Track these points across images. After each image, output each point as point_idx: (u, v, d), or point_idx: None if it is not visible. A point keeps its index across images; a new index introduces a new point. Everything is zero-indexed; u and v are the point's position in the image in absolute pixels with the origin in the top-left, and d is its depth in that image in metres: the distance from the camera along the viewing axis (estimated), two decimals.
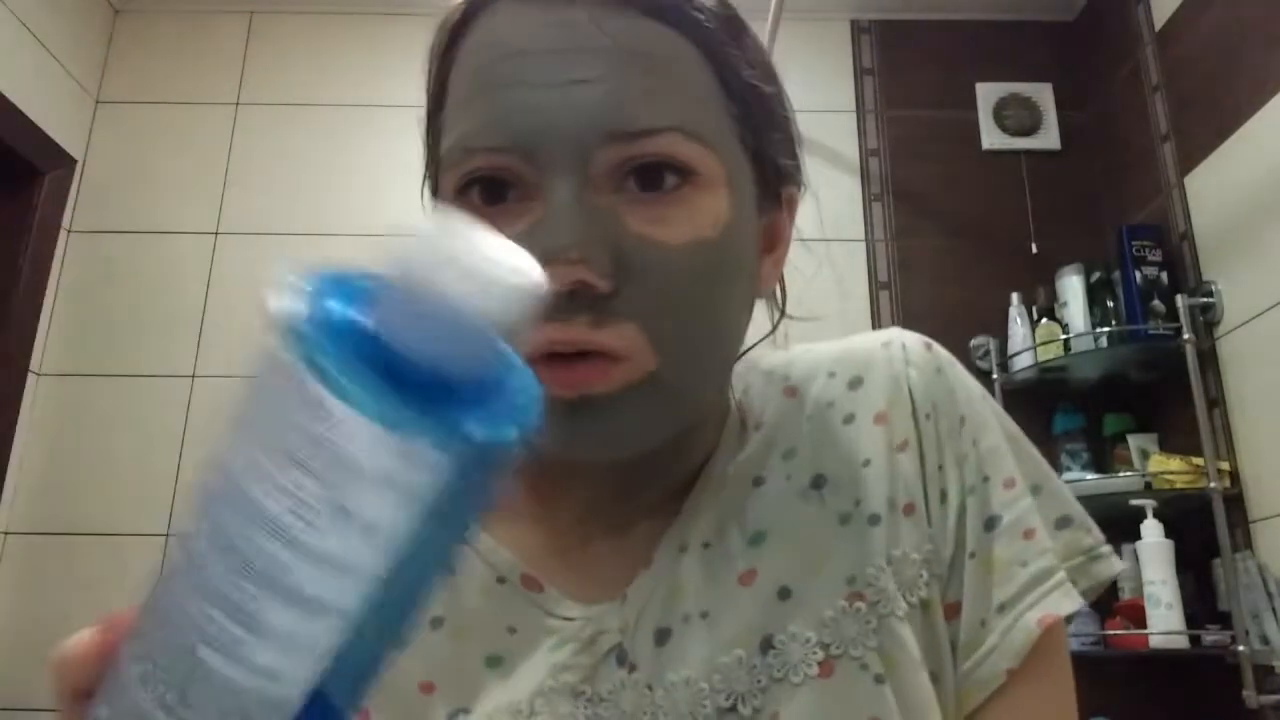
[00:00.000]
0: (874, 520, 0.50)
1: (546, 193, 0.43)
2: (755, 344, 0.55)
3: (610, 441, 0.44)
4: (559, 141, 0.42)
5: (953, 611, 0.49)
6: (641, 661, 0.47)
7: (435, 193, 0.49)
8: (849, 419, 0.53)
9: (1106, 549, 0.52)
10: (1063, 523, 0.51)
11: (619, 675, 0.46)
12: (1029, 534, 0.50)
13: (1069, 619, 0.50)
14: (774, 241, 0.53)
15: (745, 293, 0.49)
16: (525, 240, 0.39)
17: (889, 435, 0.52)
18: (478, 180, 0.44)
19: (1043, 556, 0.49)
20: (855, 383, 0.54)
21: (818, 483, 0.51)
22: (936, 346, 0.55)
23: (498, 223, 0.43)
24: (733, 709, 0.45)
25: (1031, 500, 0.51)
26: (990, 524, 0.50)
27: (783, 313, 0.56)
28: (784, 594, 0.48)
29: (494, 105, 0.43)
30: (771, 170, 0.50)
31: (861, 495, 0.50)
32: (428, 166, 0.51)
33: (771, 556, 0.49)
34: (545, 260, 0.37)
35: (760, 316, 0.55)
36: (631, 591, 0.49)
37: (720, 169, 0.45)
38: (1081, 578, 0.50)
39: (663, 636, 0.47)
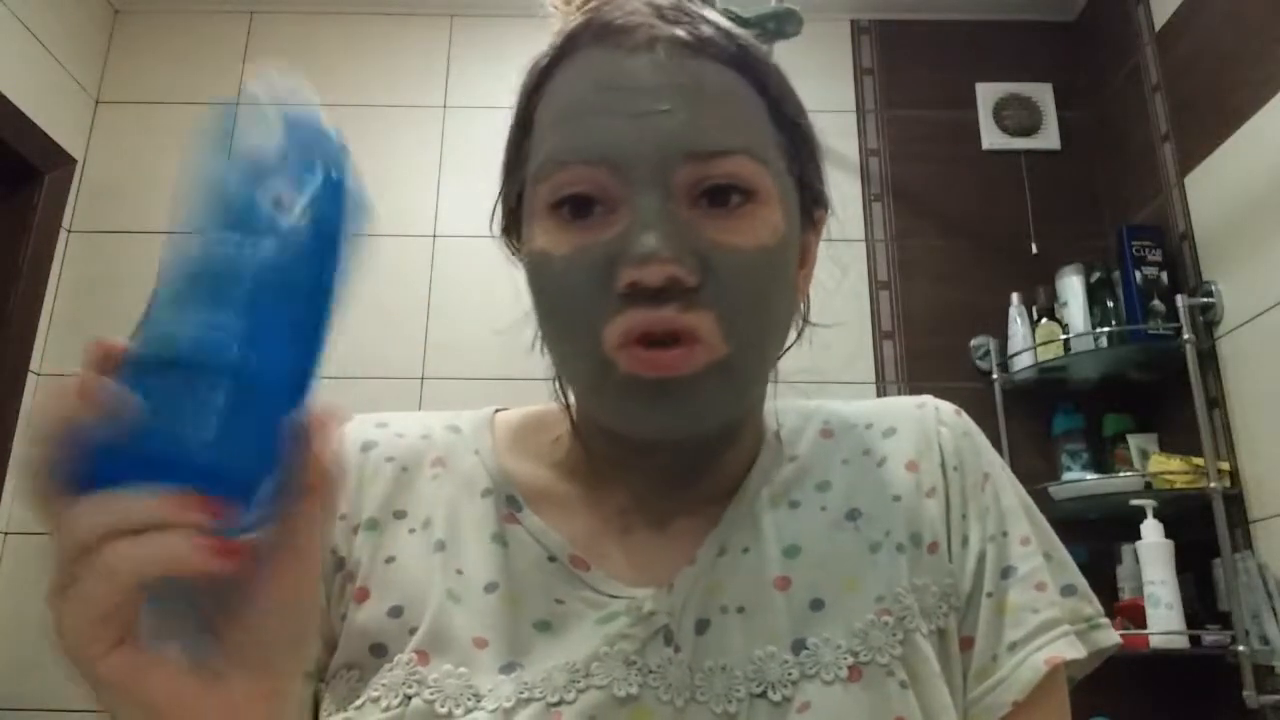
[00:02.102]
0: (900, 549, 0.55)
1: (635, 204, 0.49)
2: (786, 349, 0.60)
3: (686, 419, 0.50)
4: (645, 160, 0.49)
5: (966, 644, 0.54)
6: (684, 645, 0.51)
7: (509, 209, 0.57)
8: (881, 462, 0.59)
9: (1105, 620, 0.57)
10: (1068, 590, 0.57)
11: (666, 652, 0.51)
12: (1041, 586, 0.55)
13: (1072, 679, 0.56)
14: (804, 258, 0.59)
15: (792, 299, 0.56)
16: (619, 245, 0.48)
17: (918, 481, 0.58)
18: (568, 199, 0.51)
19: (1051, 608, 0.55)
20: (889, 432, 0.60)
21: (852, 515, 0.57)
22: (965, 414, 0.62)
23: (587, 233, 0.50)
24: (763, 695, 0.50)
25: (1043, 561, 0.56)
26: (1007, 573, 0.55)
27: (806, 320, 0.62)
28: (816, 605, 0.53)
29: (587, 127, 0.50)
30: (810, 194, 0.57)
31: (891, 527, 0.56)
32: (504, 187, 0.58)
33: (805, 570, 0.54)
34: (641, 260, 0.48)
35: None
36: (677, 582, 0.53)
37: (775, 188, 0.52)
38: (1082, 644, 0.55)
39: (702, 627, 0.52)
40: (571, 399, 0.59)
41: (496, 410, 0.64)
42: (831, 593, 0.53)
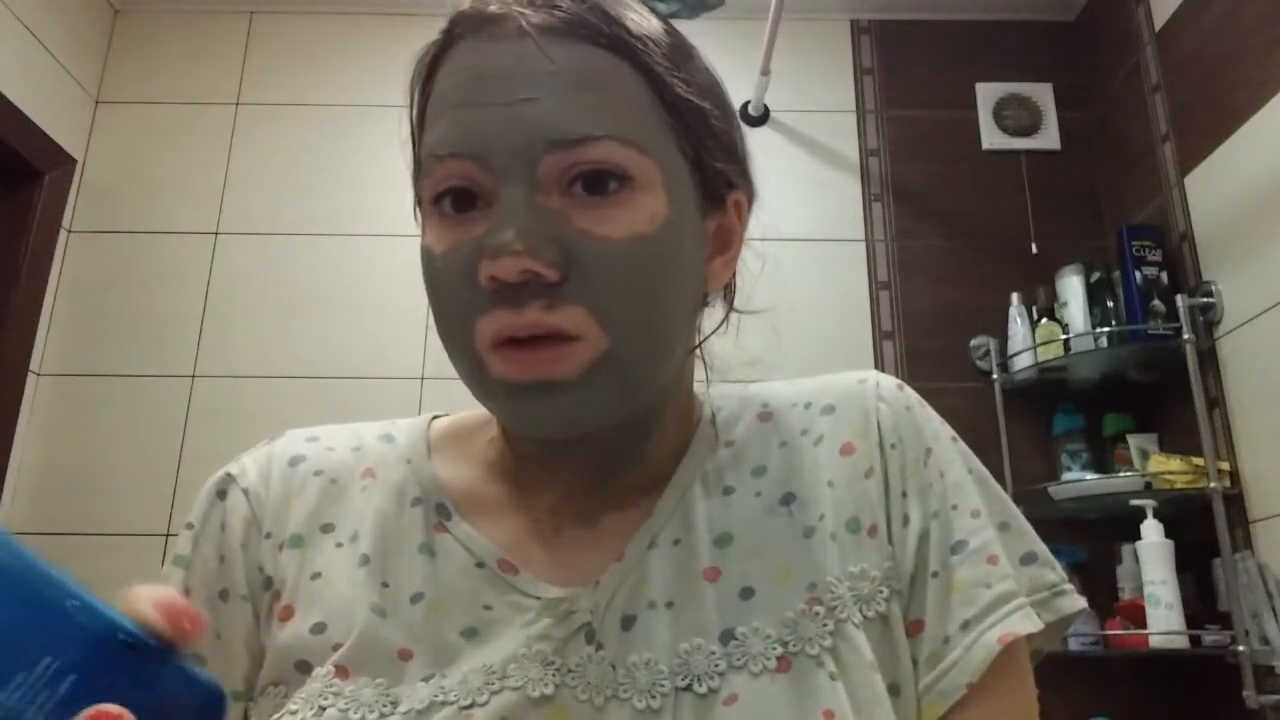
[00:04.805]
0: (834, 537, 0.54)
1: (500, 197, 0.48)
2: (708, 335, 0.59)
3: (571, 419, 0.49)
4: (509, 150, 0.48)
5: (915, 629, 0.52)
6: (608, 642, 0.51)
7: (419, 203, 0.55)
8: (818, 441, 0.57)
9: (1069, 586, 0.55)
10: (1028, 559, 0.55)
11: (586, 650, 0.50)
12: (992, 560, 0.53)
13: (1035, 652, 0.54)
14: (725, 243, 0.57)
15: (689, 284, 0.54)
16: (481, 241, 0.47)
17: (854, 463, 0.56)
18: (449, 191, 0.50)
19: (1005, 581, 0.52)
20: (828, 410, 0.59)
21: (787, 500, 0.55)
22: (909, 388, 0.59)
23: (464, 228, 0.49)
24: (688, 688, 0.48)
25: (996, 533, 0.54)
26: (956, 548, 0.53)
27: (733, 308, 0.61)
28: (747, 594, 0.52)
29: (454, 120, 0.49)
30: (712, 176, 0.54)
31: (825, 512, 0.54)
32: (415, 184, 0.56)
33: (737, 559, 0.53)
34: (495, 254, 0.46)
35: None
36: (604, 579, 0.53)
37: (657, 172, 0.50)
38: (1045, 612, 0.53)
39: (628, 623, 0.51)
40: None
41: (435, 417, 0.63)
42: (762, 581, 0.52)
